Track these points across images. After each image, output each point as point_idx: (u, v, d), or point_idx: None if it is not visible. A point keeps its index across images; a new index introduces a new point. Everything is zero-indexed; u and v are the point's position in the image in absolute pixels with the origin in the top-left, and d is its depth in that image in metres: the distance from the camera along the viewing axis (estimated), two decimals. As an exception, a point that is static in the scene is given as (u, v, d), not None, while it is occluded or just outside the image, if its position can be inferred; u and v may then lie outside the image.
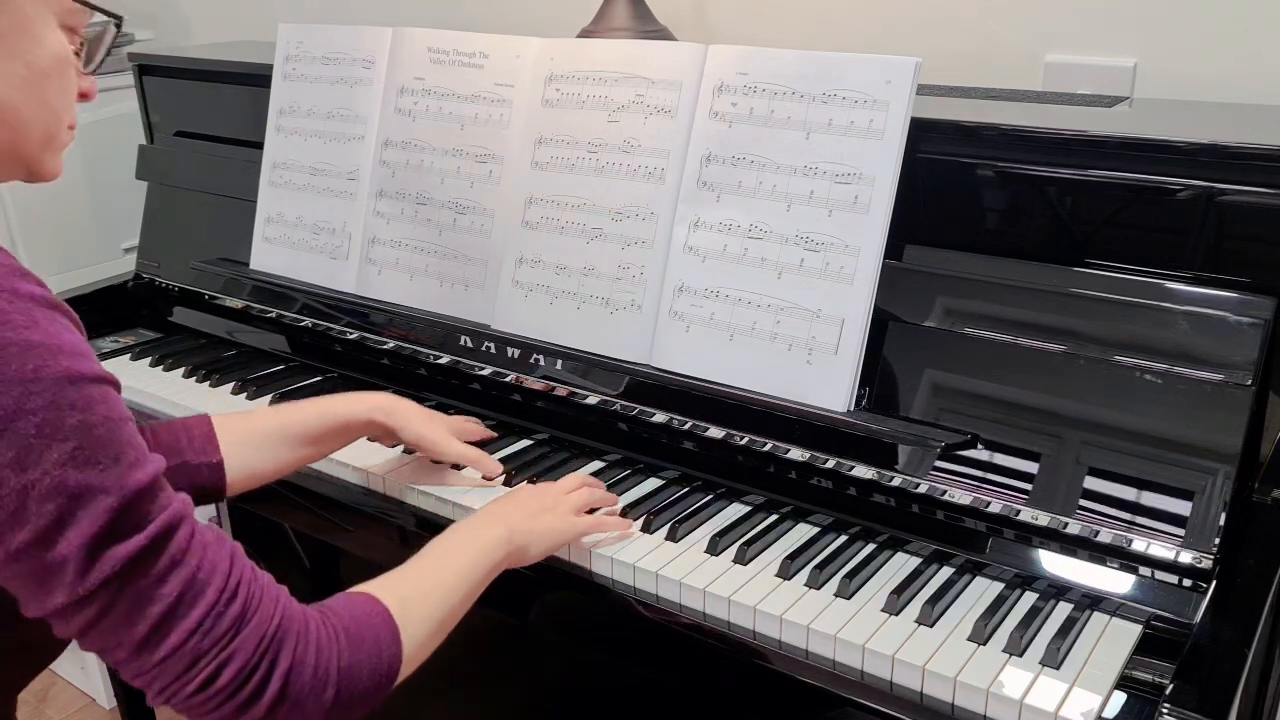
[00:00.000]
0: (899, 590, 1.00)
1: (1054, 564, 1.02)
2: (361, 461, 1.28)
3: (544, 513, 1.07)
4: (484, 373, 1.36)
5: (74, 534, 0.73)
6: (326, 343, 1.53)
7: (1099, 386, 1.01)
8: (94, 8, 0.85)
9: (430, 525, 1.19)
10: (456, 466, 1.25)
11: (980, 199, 1.11)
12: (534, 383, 1.32)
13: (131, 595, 0.75)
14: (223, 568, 0.79)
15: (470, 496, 1.20)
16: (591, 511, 1.13)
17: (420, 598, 0.92)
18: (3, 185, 0.88)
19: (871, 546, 1.09)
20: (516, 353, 1.32)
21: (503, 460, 1.26)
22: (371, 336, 1.47)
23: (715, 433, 1.19)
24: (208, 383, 1.53)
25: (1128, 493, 0.99)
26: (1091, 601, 0.99)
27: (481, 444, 1.28)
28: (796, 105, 1.13)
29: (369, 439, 1.29)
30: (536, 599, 1.14)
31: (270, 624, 0.80)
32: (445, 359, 1.39)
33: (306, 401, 1.20)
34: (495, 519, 1.04)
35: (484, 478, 1.23)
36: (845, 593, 1.01)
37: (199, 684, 0.77)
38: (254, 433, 1.15)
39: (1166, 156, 1.00)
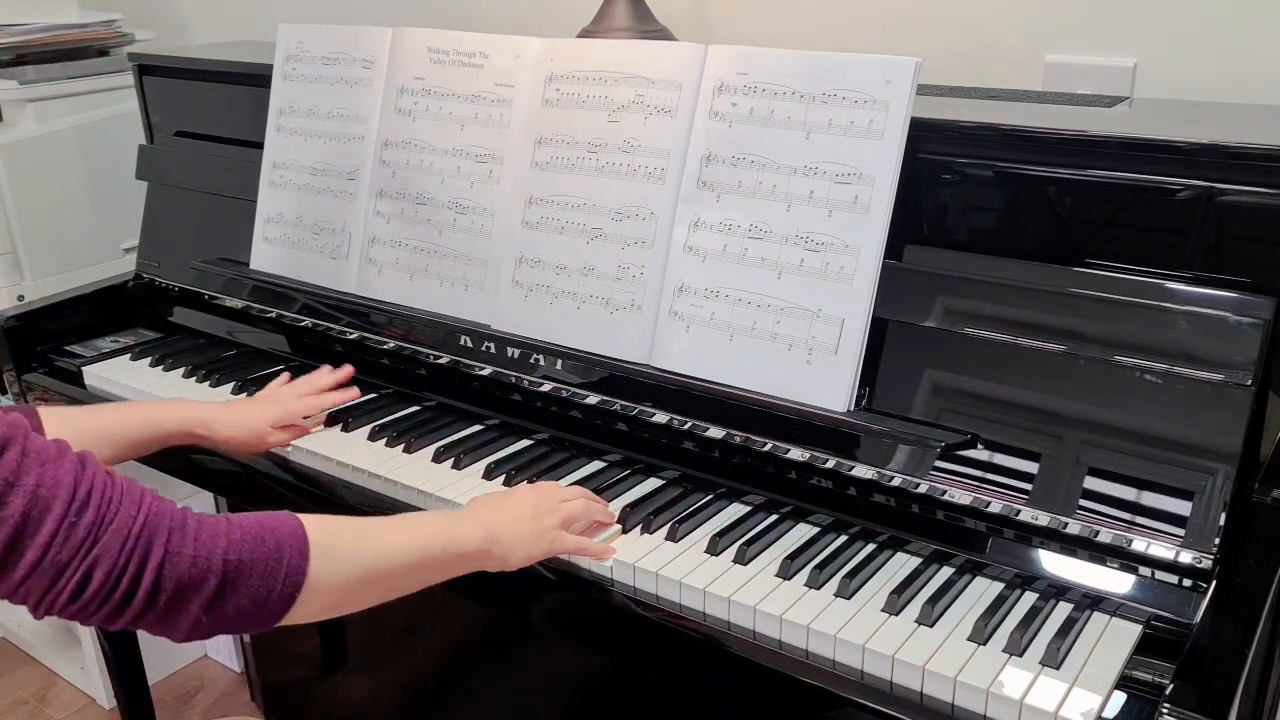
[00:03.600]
0: (899, 590, 1.00)
1: (1054, 564, 1.02)
2: (362, 461, 1.28)
3: (528, 521, 1.06)
4: (484, 373, 1.36)
5: None
6: (326, 343, 1.53)
7: (1099, 386, 1.01)
8: None
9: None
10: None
11: (980, 199, 1.11)
12: (534, 383, 1.32)
13: None
14: (66, 481, 0.80)
15: (470, 496, 1.20)
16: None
17: (352, 536, 0.92)
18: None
19: (871, 546, 1.09)
20: (516, 353, 1.32)
21: (502, 460, 1.27)
22: (371, 336, 1.47)
23: (715, 433, 1.19)
24: (208, 383, 1.53)
25: (1128, 493, 0.99)
26: (1091, 601, 0.99)
27: (477, 445, 1.29)
28: (796, 105, 1.13)
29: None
30: (536, 599, 1.14)
31: (133, 523, 0.81)
32: (445, 359, 1.39)
33: (130, 406, 1.23)
34: (475, 519, 1.04)
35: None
36: (845, 593, 1.01)
37: (71, 592, 0.79)
38: (78, 431, 1.16)
39: (1166, 156, 1.00)
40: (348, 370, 1.40)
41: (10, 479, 0.78)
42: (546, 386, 1.31)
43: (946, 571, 1.05)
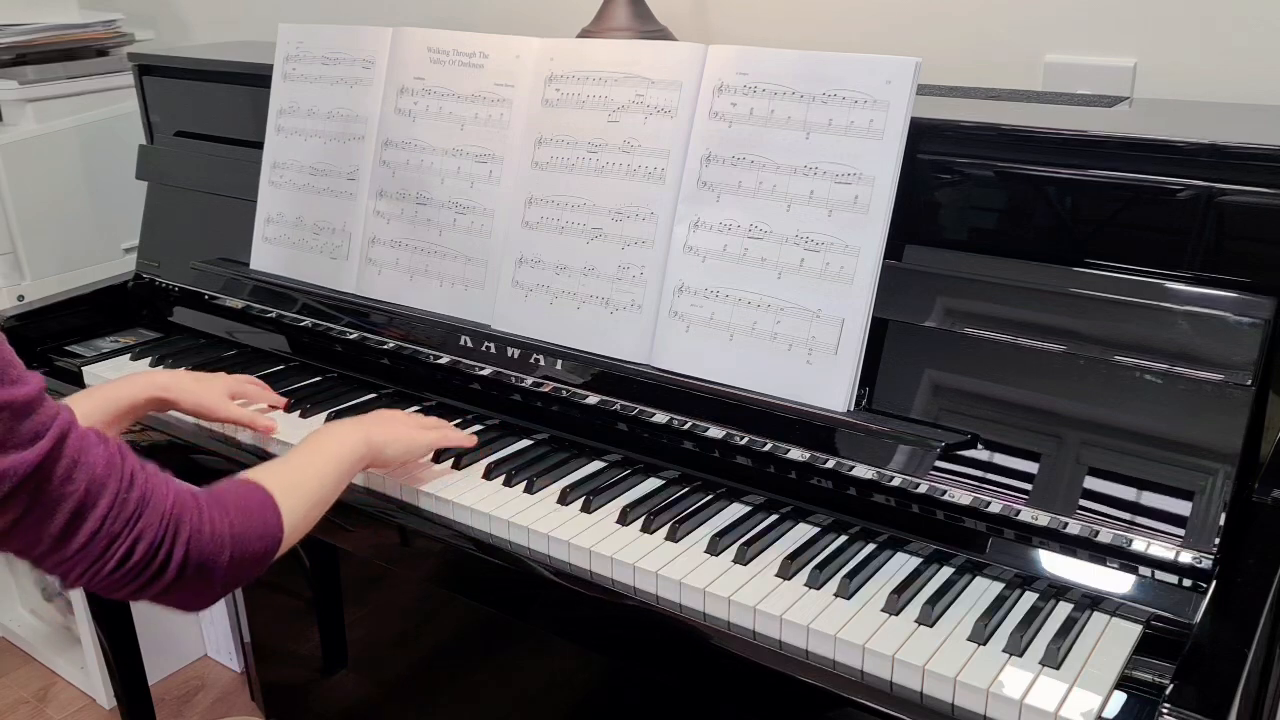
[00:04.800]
0: (899, 590, 1.00)
1: (1054, 564, 1.02)
2: (361, 461, 1.28)
3: (395, 423, 1.22)
4: (484, 373, 1.36)
5: None
6: (326, 343, 1.53)
7: (1099, 386, 1.01)
8: None
9: (430, 524, 1.19)
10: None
11: (980, 199, 1.11)
12: (534, 383, 1.32)
13: (44, 498, 0.85)
14: (115, 462, 0.89)
15: (469, 496, 1.20)
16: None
17: (295, 485, 1.06)
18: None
19: (871, 546, 1.09)
20: (516, 353, 1.32)
21: (502, 460, 1.27)
22: (371, 336, 1.47)
23: (715, 433, 1.19)
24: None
25: (1128, 493, 0.99)
26: (1091, 601, 0.99)
27: (477, 445, 1.29)
28: (796, 105, 1.13)
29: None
30: (536, 599, 1.14)
31: (167, 502, 0.91)
32: (445, 359, 1.39)
33: (86, 393, 1.28)
34: (352, 427, 1.19)
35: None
36: (845, 593, 1.01)
37: (117, 561, 0.88)
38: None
39: (1166, 156, 1.00)
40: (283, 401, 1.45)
41: (75, 458, 0.86)
42: (547, 386, 1.31)
43: (946, 571, 1.05)
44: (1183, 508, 0.96)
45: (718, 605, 1.02)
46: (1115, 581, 0.99)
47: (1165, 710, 0.81)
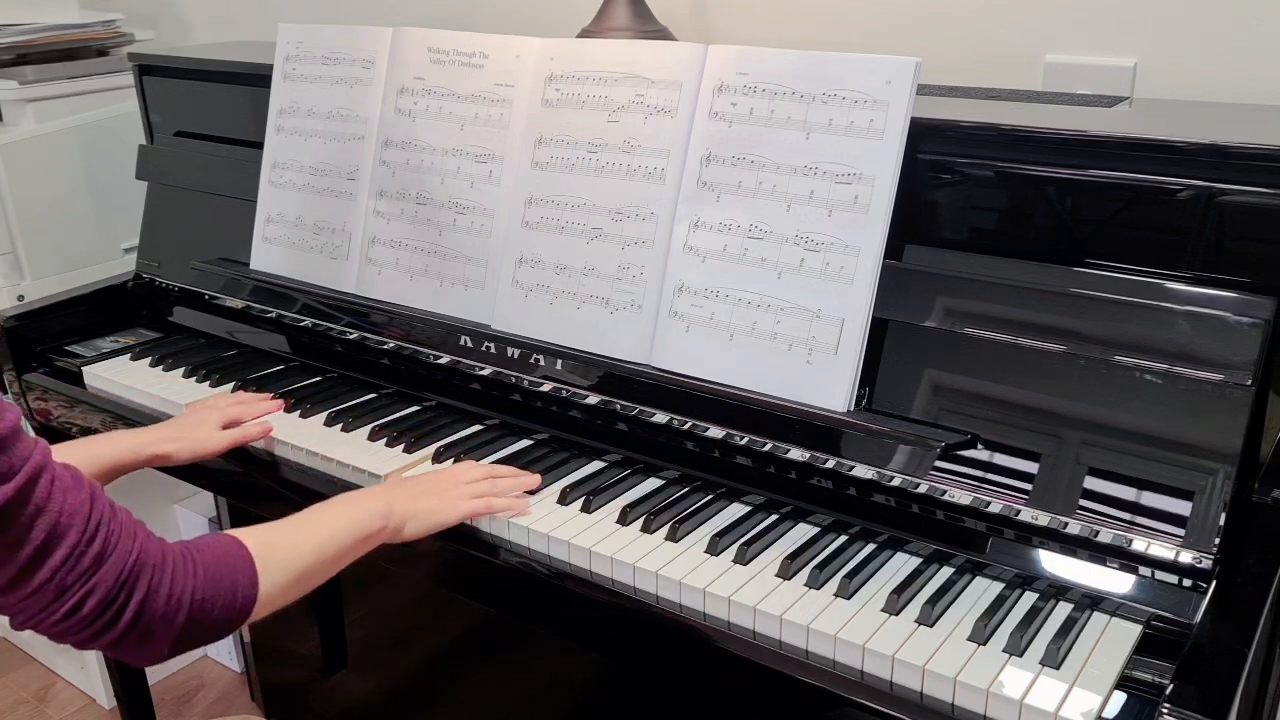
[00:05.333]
0: (899, 590, 1.00)
1: (1054, 564, 1.02)
2: (361, 462, 1.28)
3: (429, 496, 1.14)
4: (484, 373, 1.36)
5: None
6: (326, 343, 1.53)
7: (1099, 386, 1.01)
8: None
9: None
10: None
11: (980, 199, 1.11)
12: (534, 383, 1.32)
13: (4, 540, 0.82)
14: (83, 511, 0.87)
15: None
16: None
17: (285, 548, 1.01)
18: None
19: (871, 546, 1.09)
20: (516, 353, 1.32)
21: (502, 461, 1.27)
22: (371, 336, 1.47)
23: (715, 433, 1.19)
24: (208, 382, 1.53)
25: (1128, 493, 0.99)
26: (1091, 601, 0.99)
27: (477, 445, 1.29)
28: (796, 105, 1.13)
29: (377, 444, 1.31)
30: (536, 599, 1.14)
31: (128, 559, 0.89)
32: (445, 359, 1.39)
33: (77, 443, 1.27)
34: (378, 495, 1.13)
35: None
36: (845, 593, 1.01)
37: (64, 613, 0.86)
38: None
39: (1166, 156, 1.00)
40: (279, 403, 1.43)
41: (41, 504, 0.84)
42: (546, 386, 1.31)
43: (946, 571, 1.05)
44: (1183, 508, 0.96)
45: (718, 605, 1.02)
46: (1115, 581, 0.99)
47: (1165, 710, 0.81)
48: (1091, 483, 1.00)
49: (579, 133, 1.27)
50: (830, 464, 1.12)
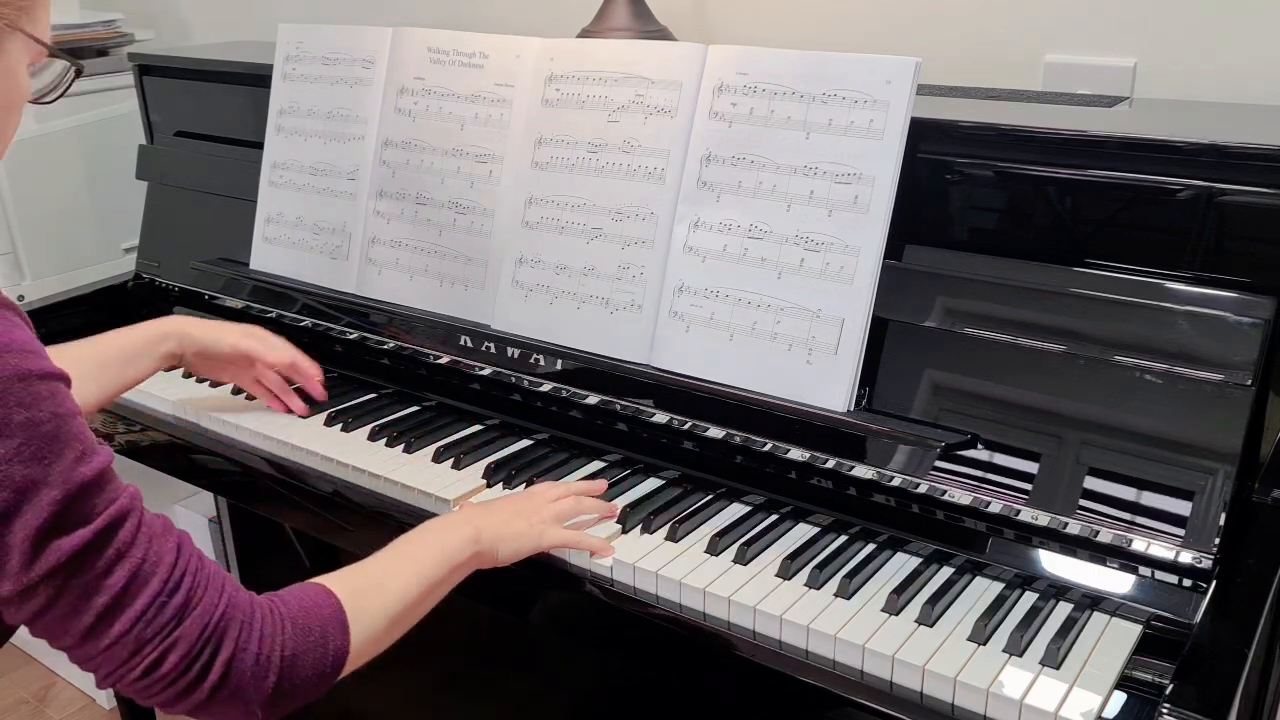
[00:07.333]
0: (899, 590, 1.00)
1: (1054, 564, 1.02)
2: (362, 462, 1.28)
3: (518, 518, 1.08)
4: (484, 373, 1.36)
5: (19, 526, 0.76)
6: (327, 343, 1.53)
7: (1099, 386, 1.01)
8: (62, 57, 0.89)
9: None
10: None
11: (980, 199, 1.11)
12: (534, 383, 1.32)
13: (78, 587, 0.78)
14: (168, 559, 0.82)
15: (470, 498, 1.20)
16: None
17: (375, 592, 0.95)
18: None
19: (871, 546, 1.09)
20: (516, 353, 1.32)
21: (502, 460, 1.27)
22: (371, 336, 1.47)
23: (715, 433, 1.19)
24: (207, 382, 1.53)
25: (1128, 493, 0.99)
26: (1091, 601, 0.99)
27: (477, 445, 1.29)
28: (796, 105, 1.13)
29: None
30: (537, 599, 1.14)
31: (214, 613, 0.83)
32: (445, 359, 1.39)
33: (111, 335, 1.31)
34: (466, 520, 1.06)
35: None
36: (845, 593, 1.01)
37: (144, 669, 0.80)
38: (76, 362, 1.15)
39: (1166, 156, 1.00)
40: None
41: (122, 549, 0.80)
42: (546, 386, 1.31)
43: (946, 571, 1.05)
44: (1183, 508, 0.96)
45: (717, 605, 1.02)
46: (1115, 581, 0.99)
47: (1165, 710, 0.81)
48: (1091, 483, 1.00)
49: (579, 133, 1.27)
50: (830, 464, 1.12)
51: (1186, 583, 0.96)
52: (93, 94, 2.06)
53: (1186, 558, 0.95)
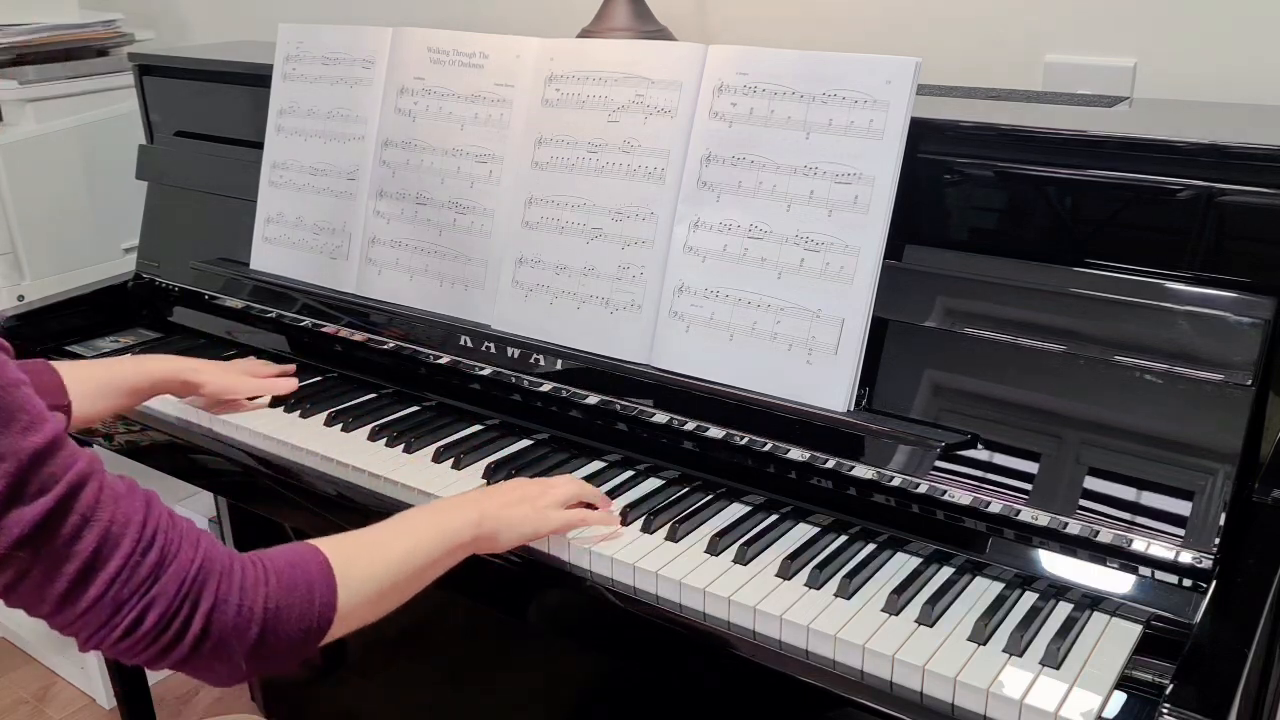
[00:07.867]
0: (899, 590, 1.00)
1: (1054, 564, 1.02)
2: (362, 461, 1.28)
3: (522, 503, 1.08)
4: (484, 373, 1.36)
5: None
6: (326, 343, 1.53)
7: (1099, 386, 1.01)
8: None
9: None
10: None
11: (980, 199, 1.11)
12: (534, 383, 1.32)
13: (47, 556, 0.78)
14: (137, 519, 0.81)
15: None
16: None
17: (367, 558, 0.94)
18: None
19: (871, 546, 1.09)
20: (516, 353, 1.32)
21: (502, 460, 1.27)
22: (371, 336, 1.47)
23: (715, 433, 1.19)
24: (208, 383, 1.53)
25: (1128, 493, 0.99)
26: (1091, 601, 0.99)
27: (477, 445, 1.29)
28: (796, 105, 1.13)
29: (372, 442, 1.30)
30: (536, 598, 1.14)
31: (191, 567, 0.82)
32: (445, 359, 1.39)
33: (118, 360, 1.32)
34: (470, 502, 1.06)
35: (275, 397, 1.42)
36: (845, 593, 1.01)
37: (124, 629, 0.80)
38: (88, 381, 1.22)
39: (1166, 156, 1.00)
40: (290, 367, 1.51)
41: (87, 514, 0.79)
42: (546, 386, 1.31)
43: (946, 571, 1.05)
44: (1183, 508, 0.96)
45: (717, 605, 1.02)
46: (1115, 581, 0.99)
47: (1165, 710, 0.81)
48: (1091, 482, 1.00)
49: (579, 133, 1.27)
50: (830, 464, 1.12)
51: (1186, 583, 0.96)
52: (93, 94, 2.06)
53: (1186, 558, 0.95)
